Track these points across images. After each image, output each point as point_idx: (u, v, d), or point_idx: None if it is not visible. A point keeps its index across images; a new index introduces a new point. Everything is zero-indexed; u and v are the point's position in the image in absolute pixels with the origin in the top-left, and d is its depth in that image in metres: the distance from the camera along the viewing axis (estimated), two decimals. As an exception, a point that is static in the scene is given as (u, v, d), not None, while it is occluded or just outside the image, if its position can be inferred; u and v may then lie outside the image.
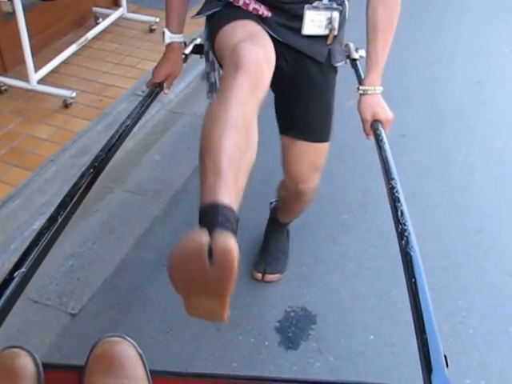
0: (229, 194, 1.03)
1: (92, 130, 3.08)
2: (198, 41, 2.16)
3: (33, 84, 3.27)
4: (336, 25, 1.69)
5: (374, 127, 1.71)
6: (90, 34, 3.70)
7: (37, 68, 3.31)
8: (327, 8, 1.66)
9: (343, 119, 1.95)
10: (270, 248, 2.46)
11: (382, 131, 1.66)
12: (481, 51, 4.35)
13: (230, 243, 0.88)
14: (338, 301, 2.35)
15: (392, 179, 1.37)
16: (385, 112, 1.74)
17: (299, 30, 1.70)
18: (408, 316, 1.00)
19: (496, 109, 3.68)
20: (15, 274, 1.01)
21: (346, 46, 1.99)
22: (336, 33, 1.71)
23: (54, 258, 2.50)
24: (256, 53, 1.39)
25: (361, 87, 1.77)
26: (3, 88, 3.37)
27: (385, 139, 1.60)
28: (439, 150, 3.27)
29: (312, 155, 1.95)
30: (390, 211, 1.28)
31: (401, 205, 1.27)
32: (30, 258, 1.06)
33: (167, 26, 1.86)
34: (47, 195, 2.69)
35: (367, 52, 1.77)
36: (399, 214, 1.23)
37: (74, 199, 1.28)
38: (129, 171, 2.97)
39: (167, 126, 3.22)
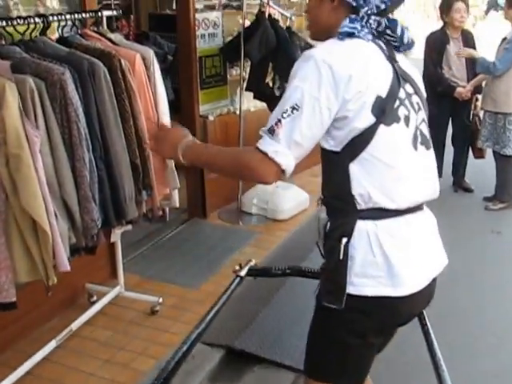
0: None
1: None
2: (253, 262, 2.18)
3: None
4: (320, 230, 1.60)
5: None
6: (75, 325, 3.01)
7: (9, 369, 2.62)
8: (321, 209, 1.63)
9: None
10: None
11: None
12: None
13: None
14: None
15: None
16: None
17: None
18: None
19: None
20: None
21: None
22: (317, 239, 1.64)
23: None
24: None
25: None
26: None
27: None
28: None
29: None
30: None
31: None
32: None
33: None
34: None
35: None
36: None
37: None
38: None
39: None
